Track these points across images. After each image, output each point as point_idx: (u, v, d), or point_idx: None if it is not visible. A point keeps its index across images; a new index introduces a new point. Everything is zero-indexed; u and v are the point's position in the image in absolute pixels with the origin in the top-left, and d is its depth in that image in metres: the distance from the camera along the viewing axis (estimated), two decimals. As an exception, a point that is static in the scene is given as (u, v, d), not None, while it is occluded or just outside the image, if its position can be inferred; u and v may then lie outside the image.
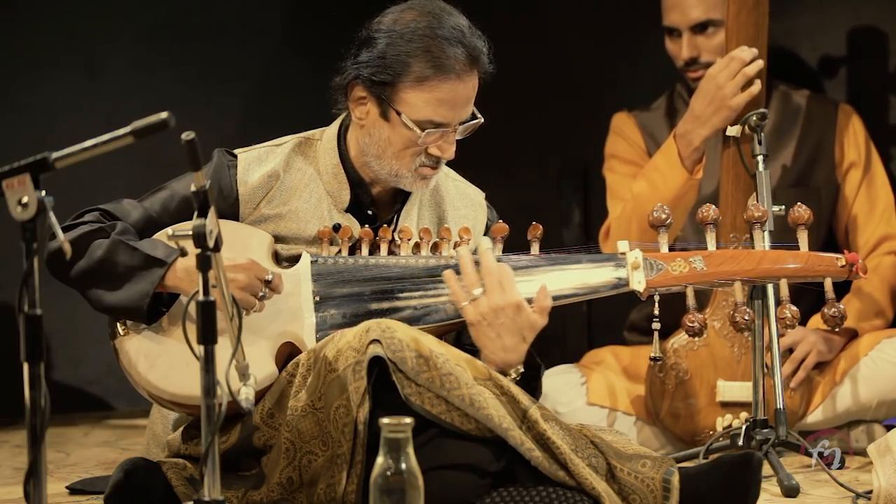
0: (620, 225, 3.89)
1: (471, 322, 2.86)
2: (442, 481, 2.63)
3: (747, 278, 3.03)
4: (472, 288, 2.86)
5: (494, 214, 3.19)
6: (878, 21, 4.32)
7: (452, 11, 2.95)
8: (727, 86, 3.65)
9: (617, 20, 4.78)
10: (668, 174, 3.75)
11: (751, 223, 3.09)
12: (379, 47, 2.91)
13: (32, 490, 2.11)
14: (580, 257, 2.98)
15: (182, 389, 2.80)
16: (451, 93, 2.90)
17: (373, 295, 2.92)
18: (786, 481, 3.15)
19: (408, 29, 2.90)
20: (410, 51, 2.88)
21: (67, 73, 4.76)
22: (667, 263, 2.99)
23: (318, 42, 4.91)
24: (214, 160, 3.02)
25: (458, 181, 3.19)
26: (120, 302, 2.83)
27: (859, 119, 4.07)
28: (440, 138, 2.93)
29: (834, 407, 3.80)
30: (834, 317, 3.02)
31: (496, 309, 2.84)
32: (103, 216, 2.95)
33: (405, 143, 2.93)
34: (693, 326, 3.01)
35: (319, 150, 3.05)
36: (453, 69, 2.89)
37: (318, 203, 3.02)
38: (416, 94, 2.90)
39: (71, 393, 4.79)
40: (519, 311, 2.85)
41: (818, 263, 3.03)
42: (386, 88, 2.91)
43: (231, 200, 3.00)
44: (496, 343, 2.85)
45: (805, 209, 3.08)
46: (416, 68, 2.88)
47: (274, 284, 2.83)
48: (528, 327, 2.86)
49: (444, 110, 2.91)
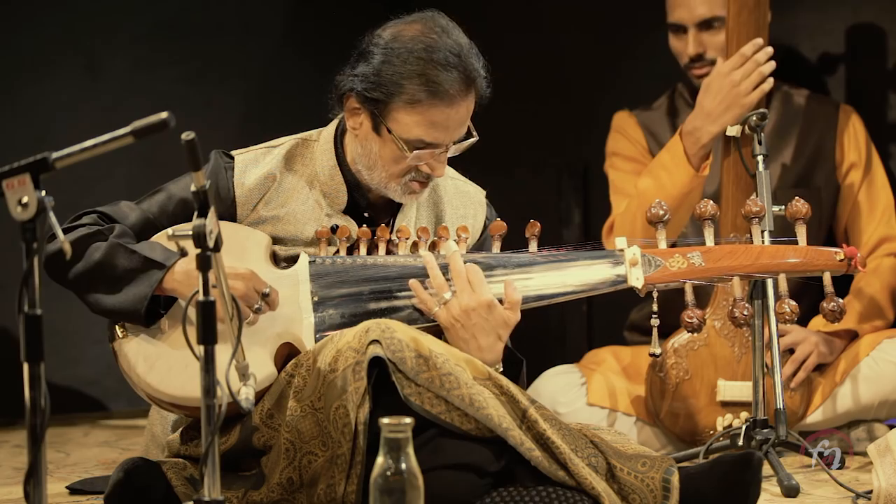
0: (625, 221, 3.88)
1: (444, 326, 2.86)
2: (442, 481, 2.63)
3: (746, 273, 3.03)
4: (441, 292, 2.87)
5: (493, 213, 3.18)
6: (878, 20, 4.32)
7: (452, 30, 2.92)
8: (743, 83, 3.65)
9: (617, 19, 4.78)
10: (674, 171, 3.75)
11: (749, 218, 3.10)
12: (374, 63, 2.89)
13: (32, 490, 2.10)
14: (578, 255, 2.98)
15: (181, 391, 2.80)
16: (442, 116, 2.88)
17: (371, 295, 2.92)
18: (786, 481, 3.15)
19: (404, 48, 2.88)
20: (405, 72, 2.86)
21: (67, 73, 4.76)
22: (665, 259, 3.00)
23: (318, 41, 4.93)
24: (211, 162, 3.02)
25: (458, 179, 3.18)
26: (118, 305, 2.83)
27: (860, 119, 4.07)
28: (431, 157, 2.93)
29: (834, 407, 3.80)
30: (833, 311, 3.03)
31: (467, 310, 2.84)
32: (101, 219, 2.95)
33: (395, 158, 2.93)
34: (692, 322, 3.01)
35: (317, 151, 3.05)
36: (447, 94, 2.86)
37: (315, 205, 3.02)
38: (407, 115, 2.88)
39: (71, 393, 4.79)
40: (491, 309, 2.85)
41: (817, 257, 3.04)
42: (378, 105, 2.89)
43: (228, 202, 3.00)
44: (471, 344, 2.85)
45: (803, 203, 3.09)
46: (409, 90, 2.86)
47: (271, 299, 2.82)
48: (502, 325, 2.86)
49: (436, 132, 2.90)
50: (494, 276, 2.94)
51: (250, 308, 2.80)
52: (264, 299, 2.81)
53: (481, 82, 2.92)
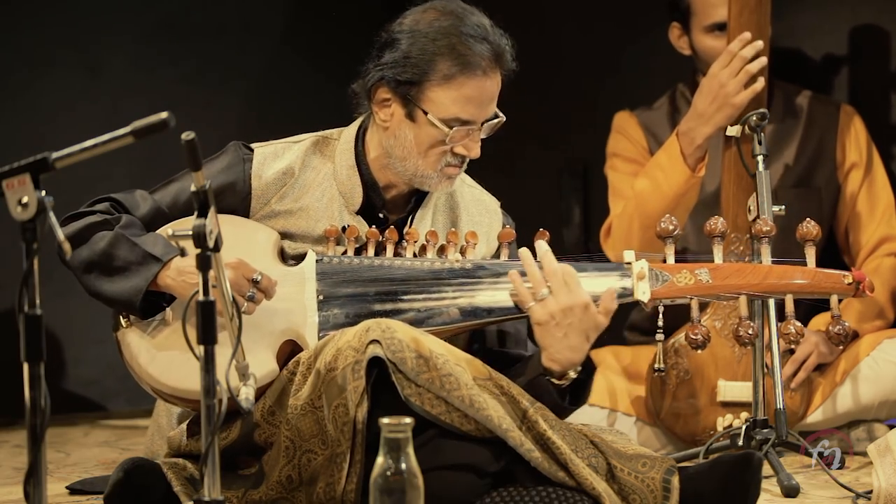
0: (622, 223, 3.89)
1: (538, 322, 2.85)
2: (442, 481, 2.63)
3: (753, 293, 3.01)
4: (539, 288, 2.86)
5: (511, 221, 3.18)
6: (879, 20, 4.33)
7: (474, 11, 2.96)
8: (730, 83, 3.65)
9: (618, 19, 4.78)
10: (671, 172, 3.75)
11: (758, 237, 3.06)
12: (402, 48, 2.90)
13: (32, 490, 2.10)
14: (585, 266, 2.97)
15: (183, 383, 2.80)
16: (477, 90, 2.90)
17: (376, 296, 2.92)
18: (786, 481, 3.15)
19: (431, 28, 2.90)
20: (436, 49, 2.88)
21: (67, 73, 4.76)
22: (672, 275, 2.97)
23: (318, 41, 4.93)
24: (230, 153, 3.02)
25: (475, 188, 3.18)
26: (115, 294, 2.84)
27: (861, 120, 4.07)
28: (466, 136, 2.93)
29: (834, 407, 3.80)
30: (839, 334, 2.99)
31: (565, 309, 2.84)
32: (114, 206, 2.97)
33: (431, 142, 2.93)
34: (696, 339, 3.00)
35: (336, 150, 3.05)
36: (479, 66, 2.89)
37: (329, 202, 3.01)
38: (442, 92, 2.90)
39: (71, 393, 4.79)
40: (586, 310, 2.85)
41: (825, 280, 2.99)
42: (412, 88, 2.90)
43: (243, 195, 2.99)
44: (563, 343, 2.85)
45: (814, 225, 3.05)
46: (443, 66, 2.88)
47: (263, 286, 2.80)
48: (593, 327, 2.86)
49: (472, 108, 2.91)
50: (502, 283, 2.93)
51: (242, 296, 2.78)
52: (256, 286, 2.80)
53: (508, 58, 2.94)
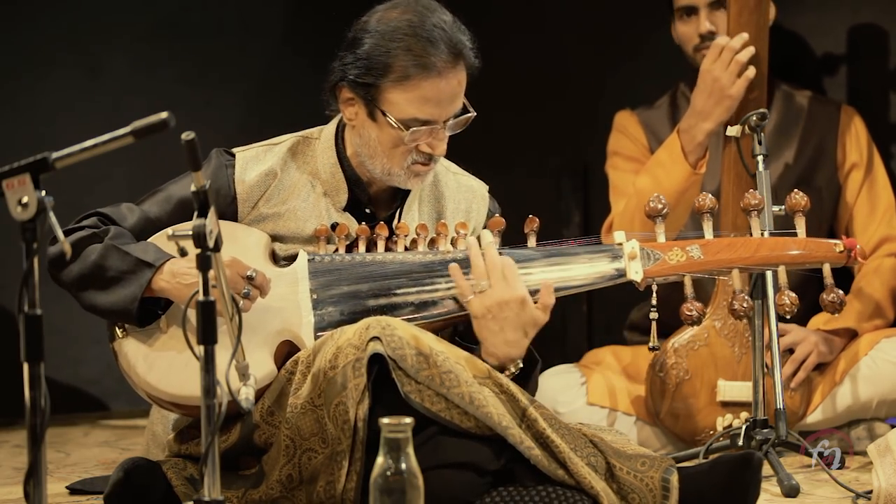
0: (623, 220, 3.89)
1: (475, 315, 2.86)
2: (441, 480, 2.63)
3: (745, 266, 3.03)
4: (479, 280, 2.86)
5: (497, 206, 3.18)
6: (879, 20, 4.32)
7: (436, 8, 2.94)
8: (723, 76, 3.67)
9: (617, 18, 4.78)
10: (672, 169, 3.76)
11: (747, 211, 3.09)
12: (363, 48, 2.91)
13: (32, 490, 2.11)
14: (577, 249, 2.98)
15: (181, 390, 2.80)
16: (434, 90, 2.89)
17: (370, 292, 2.92)
18: (786, 481, 3.15)
19: (389, 28, 2.89)
20: (391, 50, 2.88)
21: (67, 73, 4.76)
22: (664, 253, 3.00)
23: (318, 41, 4.90)
24: (213, 160, 3.02)
25: (460, 174, 3.18)
26: (111, 305, 2.83)
27: (861, 120, 4.07)
28: (429, 135, 2.93)
29: (834, 407, 3.80)
30: (833, 302, 3.02)
31: (501, 303, 2.84)
32: (102, 221, 2.96)
33: (393, 142, 2.93)
34: (691, 315, 3.01)
35: (317, 149, 3.05)
36: (434, 67, 2.87)
37: (316, 202, 3.02)
38: (398, 93, 2.89)
39: (71, 393, 4.79)
40: (523, 305, 2.85)
41: (816, 249, 3.04)
42: (370, 89, 2.90)
43: (229, 200, 3.00)
44: (499, 337, 2.85)
45: (802, 196, 3.09)
46: (398, 68, 2.87)
47: (258, 282, 2.80)
48: (531, 323, 2.86)
49: (429, 108, 2.90)
50: None
51: (238, 294, 2.79)
52: (251, 282, 2.80)
53: (469, 54, 2.93)
